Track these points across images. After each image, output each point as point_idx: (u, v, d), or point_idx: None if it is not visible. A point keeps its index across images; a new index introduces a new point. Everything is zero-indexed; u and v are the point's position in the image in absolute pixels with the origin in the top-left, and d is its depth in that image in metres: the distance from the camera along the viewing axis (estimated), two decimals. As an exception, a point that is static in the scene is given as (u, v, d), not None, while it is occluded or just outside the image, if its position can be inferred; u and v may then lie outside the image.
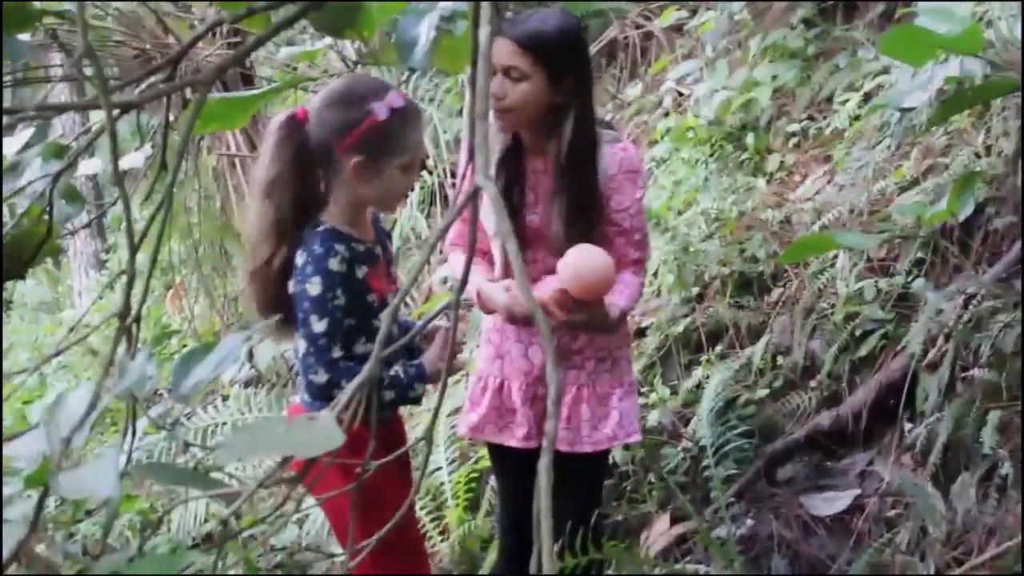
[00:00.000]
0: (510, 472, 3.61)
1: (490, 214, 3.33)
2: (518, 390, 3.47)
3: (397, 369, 3.07)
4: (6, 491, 1.38)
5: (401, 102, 3.02)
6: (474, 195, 1.61)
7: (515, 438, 3.46)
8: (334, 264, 2.97)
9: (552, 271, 3.23)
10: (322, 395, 2.98)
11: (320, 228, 3.01)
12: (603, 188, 3.34)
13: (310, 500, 3.22)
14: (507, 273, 3.37)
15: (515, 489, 3.60)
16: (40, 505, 1.33)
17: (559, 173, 3.33)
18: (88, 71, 1.62)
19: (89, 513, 4.65)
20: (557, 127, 3.30)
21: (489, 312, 3.42)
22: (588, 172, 3.35)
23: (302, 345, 3.00)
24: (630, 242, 3.40)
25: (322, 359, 2.98)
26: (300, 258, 2.99)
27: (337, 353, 2.98)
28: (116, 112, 1.65)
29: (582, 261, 3.15)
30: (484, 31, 1.63)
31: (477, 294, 3.34)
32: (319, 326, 2.97)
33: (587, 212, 3.33)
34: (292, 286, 2.99)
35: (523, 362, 3.48)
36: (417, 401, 3.14)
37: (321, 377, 2.98)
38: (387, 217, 7.01)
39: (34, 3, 1.83)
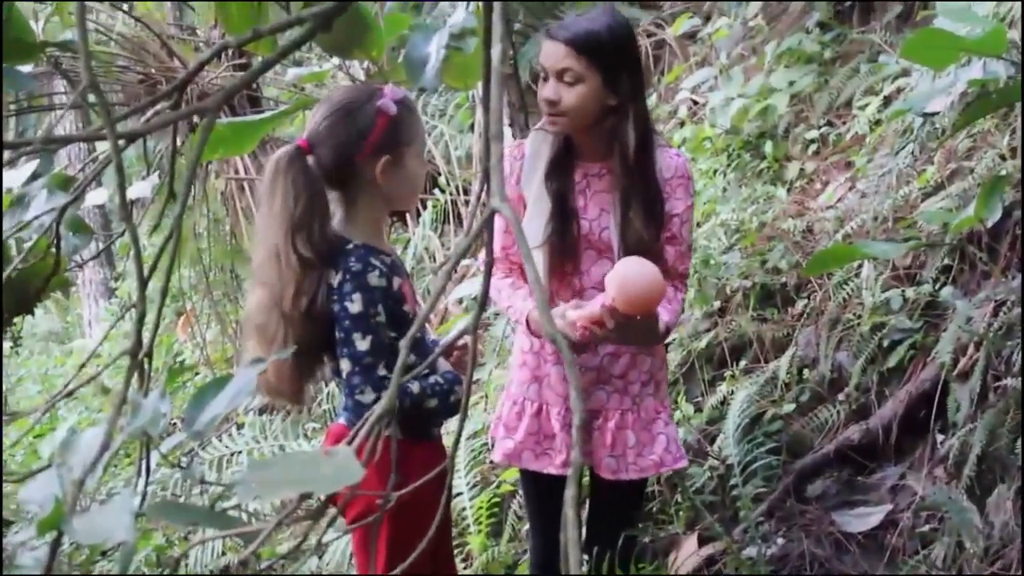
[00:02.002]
0: (545, 498, 3.55)
1: (531, 224, 3.33)
2: (557, 415, 3.44)
3: (435, 378, 3.07)
4: (19, 537, 1.37)
5: (400, 94, 3.06)
6: (490, 218, 1.60)
7: (553, 465, 3.43)
8: (373, 279, 2.96)
9: (601, 282, 3.22)
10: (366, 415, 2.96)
11: (351, 246, 3.01)
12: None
13: (331, 533, 3.21)
14: (554, 292, 3.36)
15: (551, 515, 3.55)
16: (54, 551, 1.32)
17: (623, 175, 3.32)
18: (92, 99, 1.61)
19: (104, 554, 4.65)
20: (618, 129, 3.30)
21: (539, 337, 3.40)
22: (650, 175, 3.35)
23: (346, 365, 2.98)
24: (678, 252, 3.40)
25: (369, 378, 2.96)
26: (335, 278, 2.98)
27: (382, 371, 2.96)
28: (122, 143, 1.65)
29: (630, 273, 3.12)
30: (496, 50, 1.62)
31: (528, 324, 3.34)
32: (363, 344, 2.95)
33: (650, 216, 3.32)
34: (333, 307, 2.98)
35: (562, 386, 3.43)
36: (456, 409, 3.10)
37: (368, 396, 2.96)
38: (399, 235, 7.02)
39: (35, 34, 1.83)
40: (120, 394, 1.43)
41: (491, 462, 4.50)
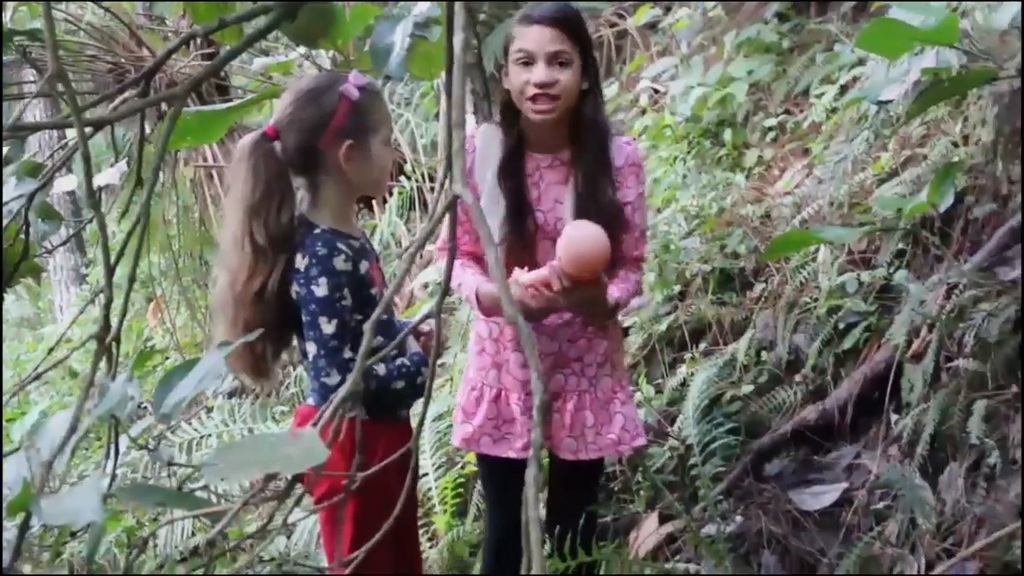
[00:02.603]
0: (503, 482, 3.54)
1: (490, 210, 3.31)
2: (517, 400, 3.42)
3: (402, 360, 3.06)
4: (-12, 518, 1.36)
5: (364, 80, 3.06)
6: (452, 203, 1.60)
7: (513, 449, 3.43)
8: (339, 263, 2.96)
9: None
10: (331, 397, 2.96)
11: (318, 230, 3.00)
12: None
13: (298, 513, 3.21)
14: (510, 264, 3.27)
15: (509, 498, 3.54)
16: (23, 531, 1.32)
17: (582, 163, 3.32)
18: (61, 88, 1.60)
19: (74, 535, 4.63)
20: (583, 115, 3.30)
21: (490, 315, 3.38)
22: (607, 163, 3.34)
23: (311, 348, 2.98)
24: (632, 239, 3.39)
25: (334, 360, 2.96)
26: (301, 262, 2.97)
27: (348, 354, 2.96)
28: (90, 130, 1.64)
29: (576, 234, 3.13)
30: (458, 38, 1.62)
31: (477, 298, 3.30)
32: (329, 327, 2.95)
33: (604, 204, 3.31)
34: (295, 290, 2.97)
35: (522, 372, 3.42)
36: (422, 391, 3.08)
37: (334, 379, 2.96)
38: (366, 222, 7.00)
39: (3, 24, 1.82)
40: (87, 378, 1.42)
41: (457, 444, 4.51)
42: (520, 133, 3.32)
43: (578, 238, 3.13)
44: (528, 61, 3.21)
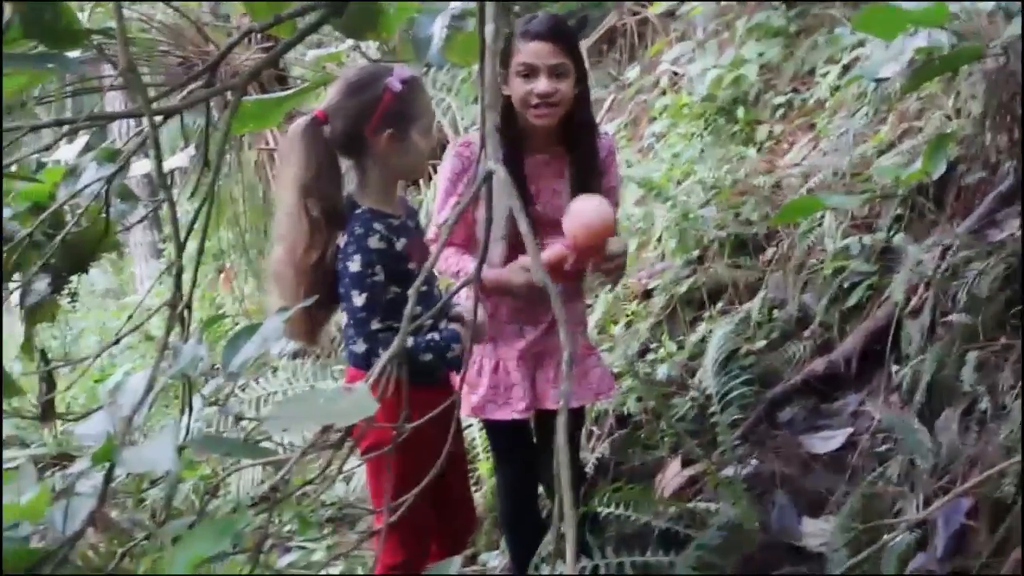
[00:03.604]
0: (508, 440, 3.61)
1: (497, 208, 3.30)
2: (516, 368, 3.46)
3: (433, 335, 3.07)
4: (77, 467, 1.39)
5: (408, 73, 3.05)
6: (488, 178, 1.61)
7: (516, 411, 3.46)
8: (373, 242, 2.97)
9: None
10: (361, 363, 2.98)
11: (359, 210, 3.02)
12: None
13: (353, 461, 3.23)
14: (511, 258, 3.33)
15: (514, 452, 3.62)
16: (108, 479, 1.34)
17: (576, 159, 3.39)
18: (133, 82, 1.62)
19: (154, 483, 4.69)
20: (575, 115, 3.35)
21: (492, 294, 3.39)
22: (596, 156, 3.43)
23: (344, 318, 3.00)
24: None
25: (361, 331, 2.98)
26: (342, 240, 2.99)
27: (376, 325, 2.97)
28: (159, 118, 1.65)
29: (585, 206, 3.21)
30: (489, 28, 1.63)
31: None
32: (359, 300, 2.96)
33: (594, 191, 3.37)
34: (338, 265, 2.99)
35: (518, 341, 3.48)
36: (456, 363, 3.09)
37: (360, 347, 2.98)
38: (413, 197, 7.01)
39: (81, 23, 1.83)
40: (161, 341, 1.44)
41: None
42: (518, 135, 3.32)
43: (586, 209, 3.20)
44: (529, 73, 3.23)
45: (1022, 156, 3.69)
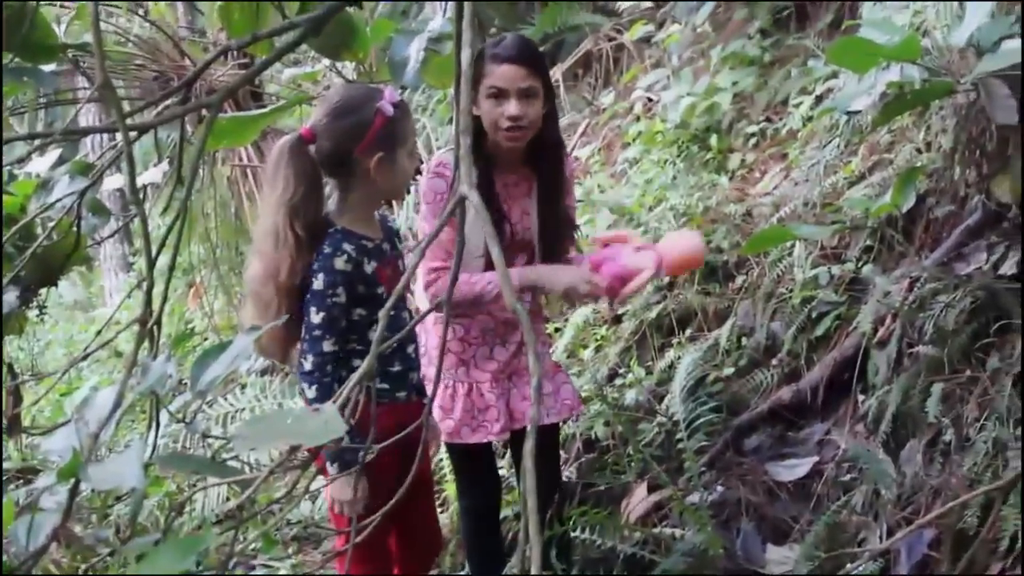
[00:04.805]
0: (479, 462, 3.62)
1: (475, 227, 3.29)
2: (489, 389, 3.48)
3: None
4: (42, 482, 1.38)
5: (397, 96, 3.06)
6: (460, 202, 1.61)
7: (491, 433, 3.47)
8: (339, 263, 2.97)
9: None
10: (304, 381, 2.98)
11: (332, 230, 3.01)
12: None
13: (320, 480, 3.22)
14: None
15: (482, 475, 3.65)
16: (72, 495, 1.33)
17: (544, 178, 3.39)
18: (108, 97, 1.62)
19: (119, 499, 4.66)
20: (551, 135, 3.38)
21: (528, 290, 3.41)
22: (563, 176, 3.47)
23: (302, 333, 3.00)
24: (571, 237, 3.58)
25: (313, 348, 2.98)
26: (315, 258, 2.99)
27: (328, 347, 2.97)
28: (134, 134, 1.65)
29: (692, 244, 3.47)
30: (465, 53, 1.63)
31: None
32: (316, 318, 2.97)
33: (562, 211, 3.42)
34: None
35: (489, 363, 3.49)
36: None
37: (307, 365, 2.98)
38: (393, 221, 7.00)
39: (57, 36, 1.83)
40: (130, 357, 1.44)
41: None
42: (487, 155, 3.32)
43: (694, 243, 3.46)
44: (499, 95, 3.23)
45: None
